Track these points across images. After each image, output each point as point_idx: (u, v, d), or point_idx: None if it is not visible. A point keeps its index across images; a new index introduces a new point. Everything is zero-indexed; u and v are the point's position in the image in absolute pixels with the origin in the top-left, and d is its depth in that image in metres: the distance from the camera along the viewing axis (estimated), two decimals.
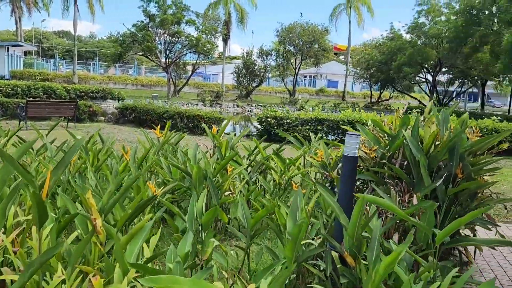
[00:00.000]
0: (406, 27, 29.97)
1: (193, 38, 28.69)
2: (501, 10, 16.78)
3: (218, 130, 13.81)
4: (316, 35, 34.98)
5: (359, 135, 3.27)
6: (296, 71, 37.82)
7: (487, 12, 23.52)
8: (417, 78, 31.47)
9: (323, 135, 12.13)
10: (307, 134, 12.15)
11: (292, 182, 5.05)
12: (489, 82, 33.24)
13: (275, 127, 12.32)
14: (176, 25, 28.47)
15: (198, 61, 32.78)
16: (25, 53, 41.70)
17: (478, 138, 4.10)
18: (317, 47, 35.54)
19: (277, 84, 44.98)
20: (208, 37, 30.67)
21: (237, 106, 31.43)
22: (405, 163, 4.16)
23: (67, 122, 13.21)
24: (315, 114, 12.23)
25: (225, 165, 4.45)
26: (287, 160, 5.45)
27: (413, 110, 12.50)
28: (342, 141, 12.13)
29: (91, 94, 25.60)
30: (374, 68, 31.09)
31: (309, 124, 12.00)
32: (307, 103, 33.54)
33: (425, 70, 30.53)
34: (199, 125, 13.40)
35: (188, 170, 4.42)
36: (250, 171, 5.36)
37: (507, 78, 24.89)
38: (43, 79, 32.04)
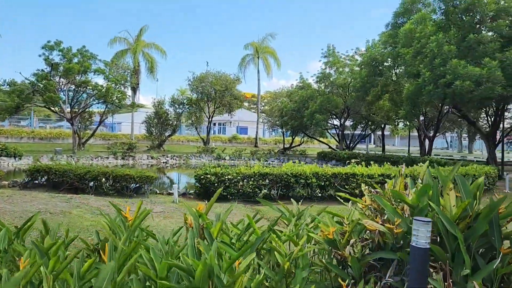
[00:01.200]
0: (314, 77, 31.81)
1: (102, 88, 26.92)
2: (407, 64, 18.52)
3: (168, 192, 12.32)
4: (229, 84, 35.40)
5: (429, 221, 2.78)
6: (210, 120, 37.57)
7: (387, 64, 25.98)
8: (328, 124, 33.20)
9: (268, 190, 11.64)
10: (250, 190, 11.56)
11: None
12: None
13: (215, 184, 11.52)
14: (82, 75, 26.54)
15: (106, 111, 30.81)
16: None
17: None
18: (229, 95, 35.88)
19: (189, 132, 44.18)
20: (118, 86, 29.14)
21: (151, 157, 29.80)
22: (436, 238, 3.74)
23: None
24: (257, 168, 11.76)
25: (238, 258, 3.60)
26: (282, 237, 4.74)
27: (352, 161, 12.69)
28: (286, 196, 11.50)
29: None
30: (287, 116, 32.13)
31: (252, 179, 11.45)
32: (224, 151, 33.22)
33: (334, 116, 32.39)
34: (128, 186, 12.02)
35: (187, 267, 3.47)
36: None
37: (407, 123, 27.31)
38: None
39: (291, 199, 5.06)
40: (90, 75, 27.72)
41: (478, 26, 17.77)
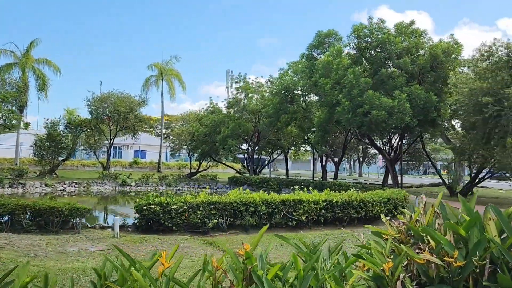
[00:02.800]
0: (225, 102, 31.88)
1: None
2: (327, 93, 19.60)
3: (100, 225, 10.96)
4: (133, 106, 33.54)
5: None
6: (111, 143, 34.94)
7: (297, 92, 27.24)
8: (238, 148, 33.36)
9: (217, 219, 10.97)
10: (198, 220, 10.75)
11: None
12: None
13: (160, 214, 10.47)
14: None
15: None
16: None
17: None
18: (134, 117, 33.93)
19: (84, 157, 40.47)
20: (5, 105, 25.52)
21: (46, 185, 26.37)
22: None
23: None
24: (203, 197, 11.01)
25: None
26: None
27: (296, 187, 12.71)
28: (233, 225, 11.03)
29: None
30: (198, 140, 31.50)
31: (200, 208, 10.67)
32: (130, 177, 31.02)
33: (244, 141, 32.69)
34: (55, 220, 10.27)
35: None
36: None
37: (316, 149, 28.72)
38: None
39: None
40: None
41: (386, 62, 19.69)
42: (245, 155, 34.87)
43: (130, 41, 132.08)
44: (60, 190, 26.72)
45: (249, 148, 33.85)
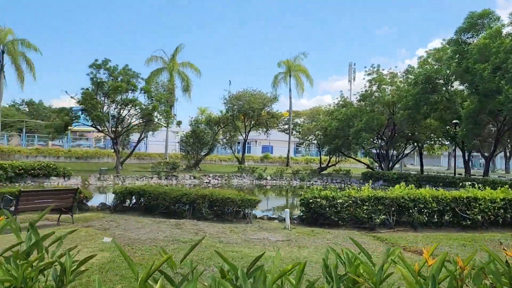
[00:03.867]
0: (357, 95, 31.17)
1: (149, 107, 26.39)
2: (484, 80, 17.65)
3: (267, 217, 11.28)
4: (266, 102, 34.87)
5: None
6: (246, 138, 36.89)
7: (440, 81, 25.26)
8: (373, 142, 32.41)
9: (384, 215, 10.74)
10: (365, 216, 10.65)
11: None
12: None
13: (327, 208, 10.66)
14: (129, 93, 26.08)
15: (145, 130, 30.22)
16: None
17: None
18: (266, 113, 35.29)
19: (223, 152, 43.44)
20: (161, 106, 28.61)
21: (194, 177, 29.02)
22: None
23: (59, 215, 10.10)
24: (367, 192, 10.90)
25: None
26: None
27: (466, 183, 11.80)
28: (400, 223, 10.31)
29: (32, 172, 21.56)
30: (331, 135, 31.37)
31: (366, 203, 10.59)
32: (265, 171, 32.37)
33: (377, 135, 31.58)
34: (229, 211, 11.18)
35: None
36: None
37: (464, 143, 26.30)
38: None
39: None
40: (133, 94, 27.27)
41: None
42: (378, 150, 33.66)
43: (249, 41, 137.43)
44: (206, 182, 29.12)
45: (381, 142, 32.60)
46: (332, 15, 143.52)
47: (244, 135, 36.77)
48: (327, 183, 30.13)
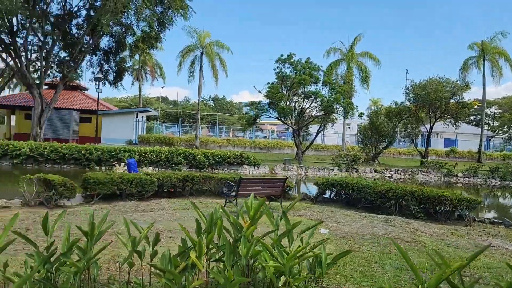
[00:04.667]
0: None
1: (330, 99, 26.39)
2: None
3: (489, 220, 9.42)
4: (456, 91, 31.22)
5: None
6: (430, 131, 33.81)
7: None
8: None
9: None
10: None
11: None
12: None
13: None
14: (312, 86, 26.58)
15: (325, 122, 30.32)
16: (147, 118, 42.61)
17: None
18: (456, 103, 31.55)
19: (401, 144, 40.95)
20: (343, 98, 28.28)
21: (375, 171, 27.93)
22: None
23: (268, 202, 10.64)
24: None
25: None
26: None
27: None
28: None
29: (228, 160, 23.85)
30: None
31: None
32: (455, 167, 29.15)
33: None
34: (443, 210, 10.08)
35: None
36: None
37: None
38: (167, 143, 31.43)
39: None
40: (315, 86, 27.63)
41: None
42: None
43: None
44: (388, 176, 27.71)
45: None
46: None
47: (427, 128, 33.75)
48: None
